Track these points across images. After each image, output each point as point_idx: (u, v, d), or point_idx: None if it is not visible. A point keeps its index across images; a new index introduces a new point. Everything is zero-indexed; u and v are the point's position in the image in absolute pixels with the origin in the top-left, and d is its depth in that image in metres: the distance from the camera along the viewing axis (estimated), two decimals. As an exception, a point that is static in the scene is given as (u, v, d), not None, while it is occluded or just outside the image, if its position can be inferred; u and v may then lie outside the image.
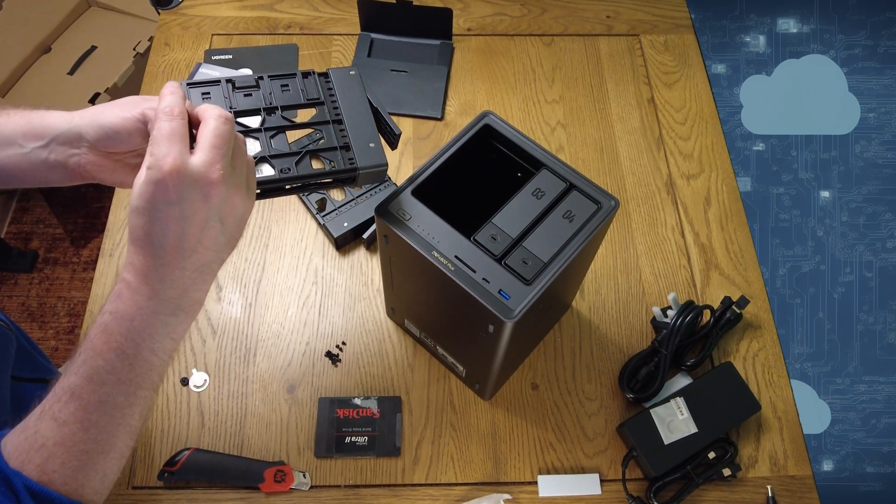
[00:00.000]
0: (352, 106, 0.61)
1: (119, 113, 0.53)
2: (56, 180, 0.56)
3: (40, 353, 0.83)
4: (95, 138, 0.54)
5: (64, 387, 0.46)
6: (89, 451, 0.46)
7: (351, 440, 0.74)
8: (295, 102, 0.61)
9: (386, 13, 1.03)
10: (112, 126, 0.53)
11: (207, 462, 0.72)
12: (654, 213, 0.91)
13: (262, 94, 0.60)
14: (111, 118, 0.53)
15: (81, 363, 0.46)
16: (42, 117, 0.55)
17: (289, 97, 0.61)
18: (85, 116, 0.54)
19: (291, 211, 0.90)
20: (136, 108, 0.54)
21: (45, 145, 0.55)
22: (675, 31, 1.09)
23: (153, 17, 1.73)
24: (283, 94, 0.61)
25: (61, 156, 0.55)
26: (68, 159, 0.55)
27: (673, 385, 0.77)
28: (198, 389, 0.77)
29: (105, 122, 0.53)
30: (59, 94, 1.66)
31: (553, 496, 0.72)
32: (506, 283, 0.57)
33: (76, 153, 0.55)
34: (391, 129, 0.63)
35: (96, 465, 0.46)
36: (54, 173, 0.56)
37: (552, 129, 0.99)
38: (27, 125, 0.55)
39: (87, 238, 1.82)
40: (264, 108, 0.59)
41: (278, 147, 0.59)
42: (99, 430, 0.46)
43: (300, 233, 0.88)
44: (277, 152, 0.58)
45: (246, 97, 0.60)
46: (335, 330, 0.81)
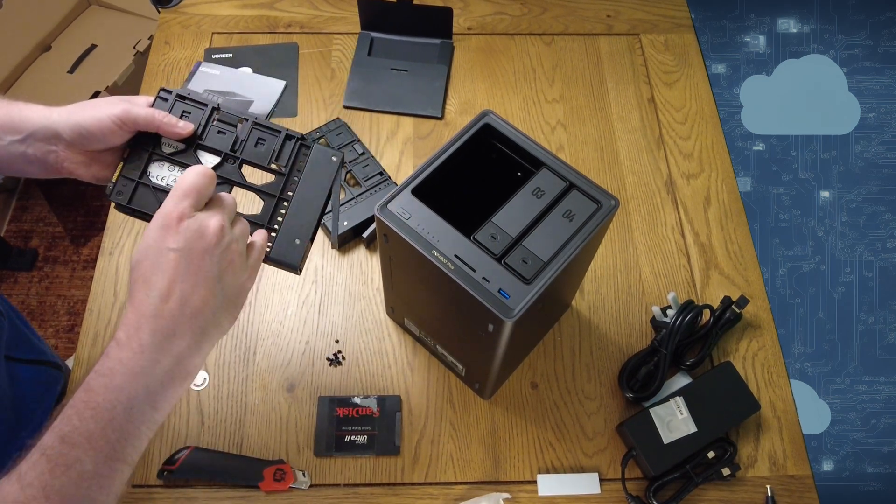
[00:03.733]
0: (308, 193, 0.58)
1: (95, 113, 0.53)
2: (34, 173, 0.57)
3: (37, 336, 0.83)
4: (71, 137, 0.54)
5: (38, 445, 0.43)
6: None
7: (350, 439, 0.74)
8: (258, 162, 0.59)
9: (386, 12, 1.03)
10: (86, 126, 0.53)
11: (207, 461, 0.72)
12: (654, 213, 0.91)
13: (235, 137, 0.58)
14: (87, 118, 0.53)
15: (59, 421, 0.44)
16: (20, 110, 0.55)
17: (257, 154, 0.59)
18: (62, 114, 0.54)
19: (291, 210, 0.90)
20: (115, 107, 0.54)
21: (22, 139, 0.55)
22: (675, 30, 1.09)
23: (153, 16, 1.73)
24: (254, 149, 0.59)
25: (39, 151, 0.55)
26: (46, 155, 0.55)
27: (672, 385, 0.77)
28: (197, 388, 0.77)
29: (81, 122, 0.53)
30: (59, 92, 1.66)
31: (552, 495, 0.72)
32: (505, 282, 0.57)
33: (53, 150, 0.55)
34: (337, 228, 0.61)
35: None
36: (32, 167, 0.56)
37: (552, 128, 0.99)
38: (6, 117, 0.55)
39: (87, 236, 1.82)
40: (226, 152, 0.58)
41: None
42: (61, 499, 0.42)
43: (300, 232, 0.88)
44: None
45: (219, 134, 0.59)
46: (335, 329, 0.81)
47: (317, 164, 0.59)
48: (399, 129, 0.97)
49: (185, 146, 0.58)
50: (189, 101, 0.59)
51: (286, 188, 0.58)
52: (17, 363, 0.75)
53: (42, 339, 0.85)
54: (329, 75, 1.02)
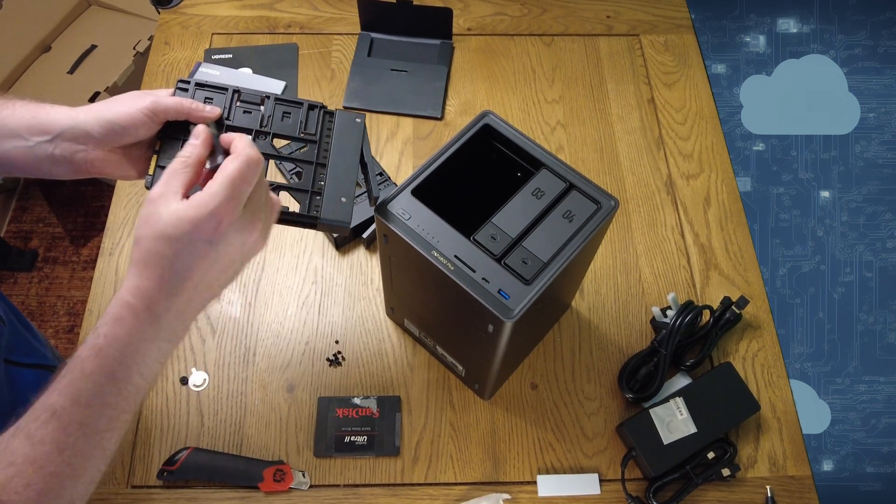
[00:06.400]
0: (342, 154, 0.61)
1: (124, 108, 0.54)
2: (61, 174, 0.57)
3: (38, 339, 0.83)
4: (102, 134, 0.54)
5: (45, 405, 0.44)
6: (60, 474, 0.44)
7: (350, 440, 0.74)
8: (289, 134, 0.60)
9: (386, 13, 1.03)
10: (118, 121, 0.54)
11: (207, 461, 0.72)
12: (654, 214, 0.91)
13: (262, 115, 0.60)
14: (117, 113, 0.54)
15: (68, 383, 0.45)
16: (47, 112, 0.55)
17: (285, 126, 0.60)
18: (90, 113, 0.55)
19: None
20: (143, 100, 0.54)
21: (50, 140, 0.55)
22: (675, 31, 1.09)
23: (153, 17, 1.73)
24: (281, 122, 0.60)
25: (67, 151, 0.55)
26: (74, 155, 0.55)
27: (672, 385, 0.77)
28: (197, 389, 0.77)
29: (111, 118, 0.54)
30: (59, 93, 1.66)
31: (552, 496, 0.72)
32: (505, 282, 0.57)
33: (82, 149, 0.55)
34: (372, 189, 0.62)
35: (64, 489, 0.44)
36: (59, 168, 0.56)
37: (552, 128, 0.99)
38: (32, 119, 0.55)
39: (87, 237, 1.82)
40: (257, 129, 0.59)
41: None
42: (74, 453, 0.44)
43: (300, 232, 0.88)
44: None
45: (245, 114, 0.60)
46: (335, 329, 0.81)
47: (343, 129, 0.61)
48: (399, 130, 0.98)
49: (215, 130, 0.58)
50: (209, 87, 0.59)
51: (320, 154, 0.60)
52: (17, 367, 0.75)
53: (44, 342, 0.85)
54: (329, 76, 1.02)
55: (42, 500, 0.43)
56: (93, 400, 0.45)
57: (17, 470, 0.43)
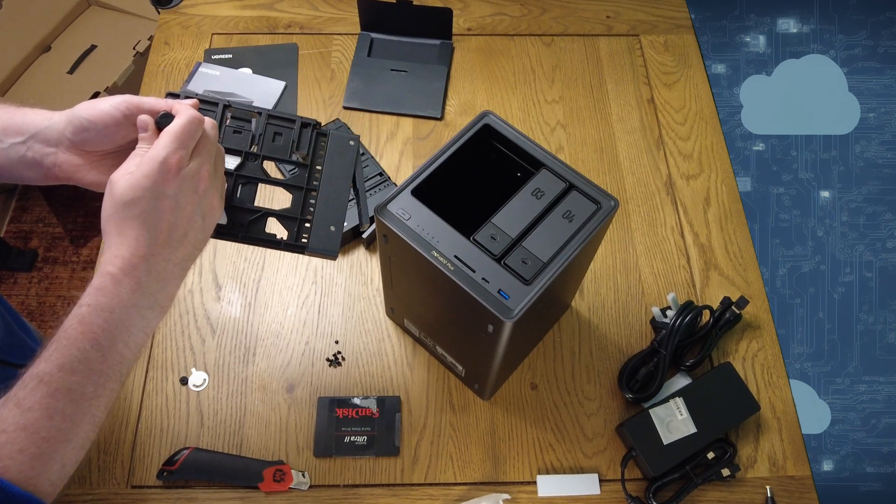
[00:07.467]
0: (334, 178, 0.59)
1: (98, 106, 0.54)
2: (31, 178, 0.56)
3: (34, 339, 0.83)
4: (73, 133, 0.54)
5: (32, 374, 0.46)
6: (50, 439, 0.45)
7: (350, 440, 0.74)
8: (280, 156, 0.59)
9: (386, 13, 1.03)
10: (90, 118, 0.53)
11: (206, 461, 0.72)
12: (654, 214, 0.91)
13: (252, 135, 0.59)
14: (90, 111, 0.54)
15: (53, 351, 0.46)
16: (24, 114, 0.55)
17: (275, 148, 0.59)
18: (65, 113, 0.55)
19: (291, 210, 0.90)
20: (117, 98, 0.54)
21: (23, 142, 0.54)
22: (675, 31, 1.09)
23: (153, 17, 1.73)
24: (272, 143, 0.59)
25: (38, 154, 0.55)
26: (44, 158, 0.55)
27: (672, 385, 0.77)
28: (197, 389, 0.77)
29: (84, 115, 0.53)
30: (59, 93, 1.66)
31: (552, 496, 0.72)
32: (505, 282, 0.57)
33: (52, 152, 0.55)
34: (362, 213, 0.62)
35: (56, 453, 0.45)
36: (30, 171, 0.56)
37: (552, 129, 0.99)
38: (9, 120, 0.55)
39: (87, 237, 1.82)
40: (246, 151, 0.58)
41: (243, 197, 0.58)
42: (63, 418, 0.45)
43: (300, 232, 0.88)
44: (240, 204, 0.57)
45: (235, 133, 0.59)
46: (335, 329, 0.81)
47: (336, 152, 0.61)
48: (399, 130, 0.98)
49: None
50: (200, 100, 0.58)
51: (311, 178, 0.59)
52: (12, 367, 0.75)
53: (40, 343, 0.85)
54: (329, 76, 1.02)
55: (35, 464, 0.44)
56: (78, 366, 0.46)
57: (8, 437, 0.43)
